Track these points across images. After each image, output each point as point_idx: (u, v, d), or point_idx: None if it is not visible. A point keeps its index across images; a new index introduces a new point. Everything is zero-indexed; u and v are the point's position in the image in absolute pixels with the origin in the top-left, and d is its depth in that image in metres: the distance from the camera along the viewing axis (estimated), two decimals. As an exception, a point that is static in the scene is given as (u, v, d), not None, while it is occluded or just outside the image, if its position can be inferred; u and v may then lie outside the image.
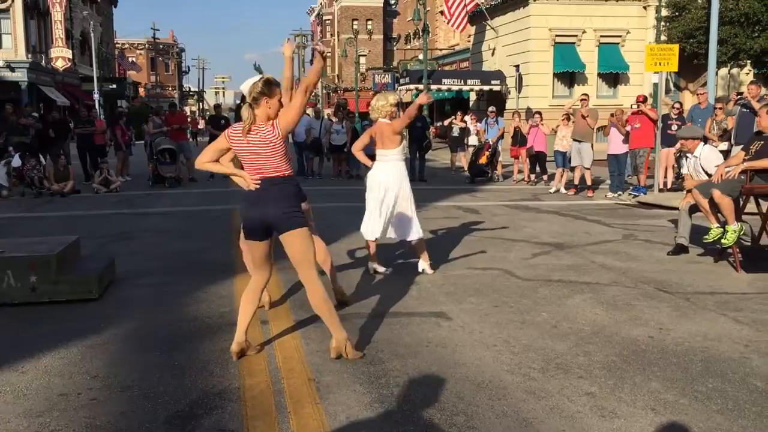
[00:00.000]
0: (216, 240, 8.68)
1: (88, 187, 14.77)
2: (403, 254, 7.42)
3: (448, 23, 32.82)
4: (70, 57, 40.43)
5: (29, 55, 36.80)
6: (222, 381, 4.01)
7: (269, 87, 4.12)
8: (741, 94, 11.36)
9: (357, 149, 6.88)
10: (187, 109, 66.34)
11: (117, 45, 67.25)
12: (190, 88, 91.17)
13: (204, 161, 4.27)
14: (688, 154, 7.64)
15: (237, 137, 4.13)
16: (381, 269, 6.73)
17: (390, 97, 6.61)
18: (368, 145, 6.78)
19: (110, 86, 48.36)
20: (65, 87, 41.51)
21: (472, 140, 17.70)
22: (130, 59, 66.96)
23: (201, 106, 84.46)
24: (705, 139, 7.93)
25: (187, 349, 4.56)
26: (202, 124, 38.14)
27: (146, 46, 78.88)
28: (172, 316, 5.35)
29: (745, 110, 11.10)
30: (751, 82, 11.86)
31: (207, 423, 3.49)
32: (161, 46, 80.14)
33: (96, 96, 39.69)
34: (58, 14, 39.31)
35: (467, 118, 18.62)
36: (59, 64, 39.35)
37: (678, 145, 12.28)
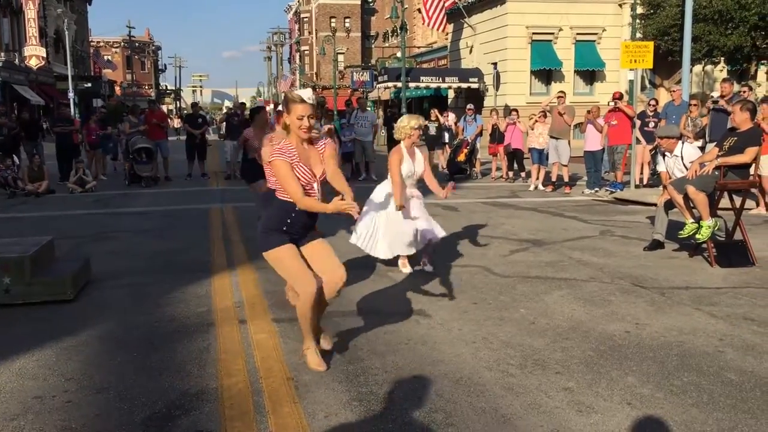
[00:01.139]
0: (193, 240, 8.61)
1: (63, 187, 14.59)
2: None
3: (425, 24, 32.86)
4: (44, 55, 39.90)
5: (2, 54, 36.27)
6: (200, 381, 3.98)
7: (286, 104, 3.98)
8: (717, 102, 11.45)
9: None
10: (164, 107, 65.76)
11: (92, 43, 66.44)
12: (167, 86, 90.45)
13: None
14: (666, 153, 7.70)
15: None
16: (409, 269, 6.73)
17: (413, 122, 6.40)
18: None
19: (85, 85, 47.75)
20: (39, 86, 40.99)
21: (446, 137, 17.74)
22: (105, 57, 66.28)
23: (178, 105, 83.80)
24: (680, 137, 8.01)
25: (164, 350, 4.52)
26: (177, 123, 37.61)
27: (122, 44, 78.03)
28: (148, 316, 5.30)
29: (718, 107, 11.25)
30: (724, 80, 12.00)
31: (184, 424, 3.46)
32: (137, 45, 79.32)
33: (71, 95, 39.21)
34: (31, 12, 38.77)
35: (451, 116, 18.64)
36: (33, 63, 38.84)
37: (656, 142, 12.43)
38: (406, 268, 6.69)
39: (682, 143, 7.71)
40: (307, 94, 3.94)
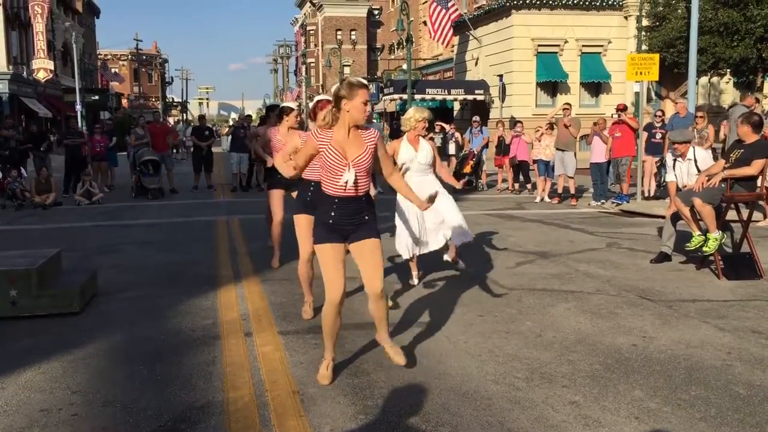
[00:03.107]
0: (199, 252, 8.63)
1: (70, 200, 14.65)
2: (389, 267, 7.41)
3: (432, 38, 32.98)
4: (52, 68, 40.15)
5: (10, 67, 36.51)
6: (205, 394, 3.98)
7: (348, 90, 3.96)
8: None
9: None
10: (171, 119, 66.03)
11: (100, 56, 66.91)
12: (173, 98, 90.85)
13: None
14: (679, 158, 7.66)
15: None
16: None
17: (417, 114, 6.32)
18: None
19: (93, 97, 48.00)
20: (47, 98, 41.22)
21: (451, 149, 17.74)
22: (113, 70, 66.68)
23: (185, 117, 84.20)
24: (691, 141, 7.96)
25: (170, 363, 4.52)
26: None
27: (129, 57, 78.55)
28: (154, 329, 5.30)
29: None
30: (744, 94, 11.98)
31: (190, 437, 3.46)
32: (144, 57, 79.88)
33: (78, 107, 39.37)
34: (39, 25, 39.05)
35: (454, 128, 18.64)
36: (41, 76, 39.08)
37: (664, 153, 12.40)
38: (412, 281, 6.69)
39: (695, 147, 7.68)
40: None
